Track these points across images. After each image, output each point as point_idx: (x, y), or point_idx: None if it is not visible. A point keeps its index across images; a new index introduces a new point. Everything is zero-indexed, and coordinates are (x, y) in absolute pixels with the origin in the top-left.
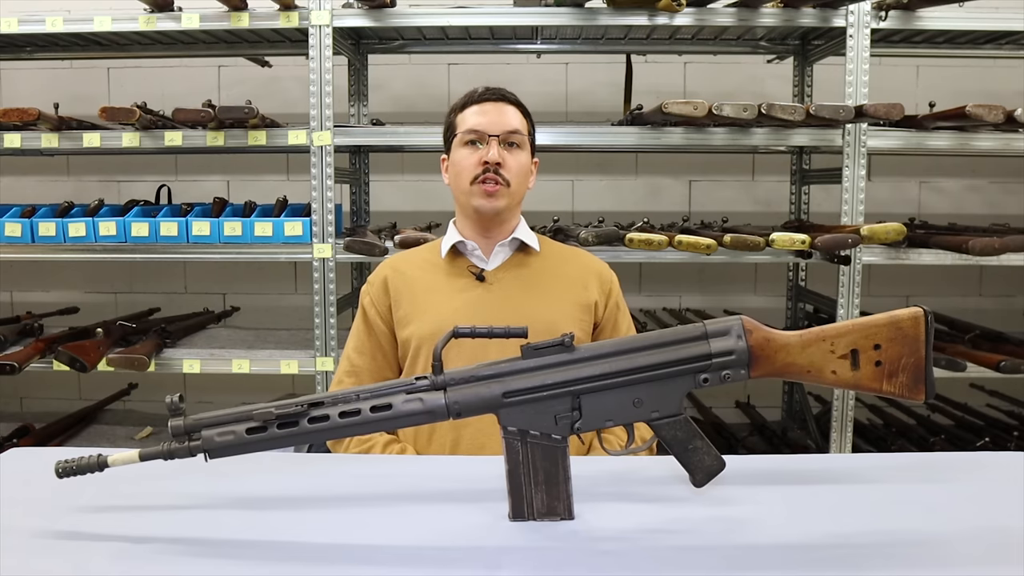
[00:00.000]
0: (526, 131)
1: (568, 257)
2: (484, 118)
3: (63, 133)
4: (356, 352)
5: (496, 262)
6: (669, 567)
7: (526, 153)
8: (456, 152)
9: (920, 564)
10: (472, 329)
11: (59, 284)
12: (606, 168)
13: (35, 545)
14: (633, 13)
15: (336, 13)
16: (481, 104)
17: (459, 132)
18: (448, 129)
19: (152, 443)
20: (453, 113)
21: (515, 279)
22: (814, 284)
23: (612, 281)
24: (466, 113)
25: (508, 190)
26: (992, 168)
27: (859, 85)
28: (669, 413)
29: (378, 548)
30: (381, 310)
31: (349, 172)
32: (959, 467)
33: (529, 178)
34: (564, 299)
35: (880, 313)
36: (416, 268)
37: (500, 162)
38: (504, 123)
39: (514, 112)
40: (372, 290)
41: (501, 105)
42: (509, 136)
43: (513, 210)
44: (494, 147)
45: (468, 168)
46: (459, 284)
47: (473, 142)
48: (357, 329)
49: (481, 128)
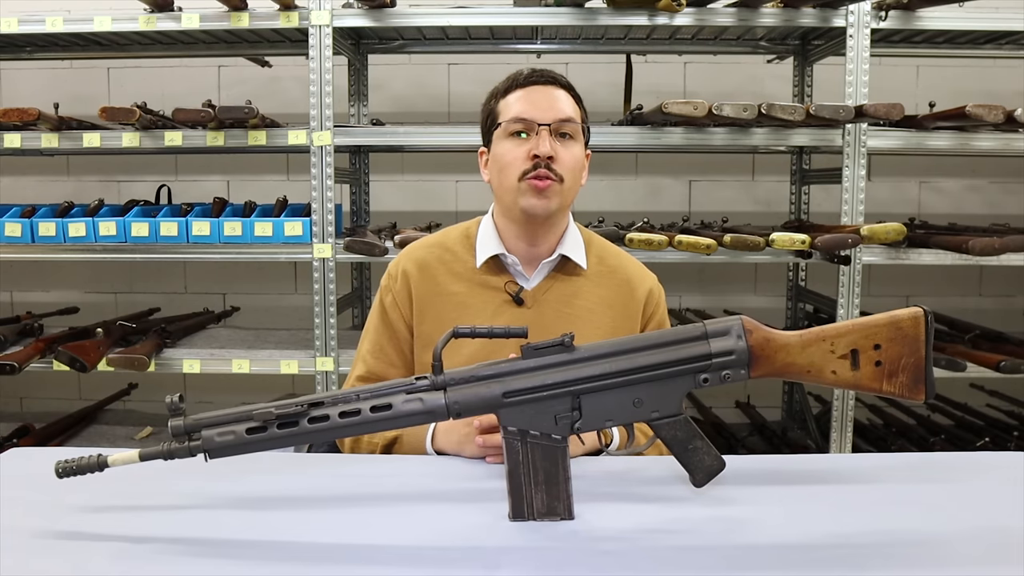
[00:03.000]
0: (580, 119)
1: (616, 274)
2: (533, 105)
3: (63, 133)
4: (373, 357)
5: (537, 279)
6: (669, 567)
7: (580, 145)
8: (499, 144)
9: (920, 564)
10: (472, 329)
11: (59, 284)
12: (606, 168)
13: (35, 545)
14: (633, 13)
15: (336, 13)
16: (528, 88)
17: (503, 121)
18: (488, 117)
19: (152, 443)
20: (494, 99)
21: (556, 302)
22: (814, 284)
23: (658, 303)
24: (510, 99)
25: (561, 187)
26: (992, 168)
27: (859, 85)
28: (669, 413)
29: (378, 548)
30: (404, 313)
31: (349, 172)
32: (959, 467)
33: (583, 173)
34: (605, 329)
35: (880, 313)
36: (446, 273)
37: (552, 155)
38: (556, 110)
39: (566, 97)
40: (395, 287)
41: (551, 89)
42: (562, 125)
43: (564, 211)
44: (545, 138)
45: (515, 162)
46: (494, 304)
47: (520, 132)
48: (375, 329)
49: (530, 116)
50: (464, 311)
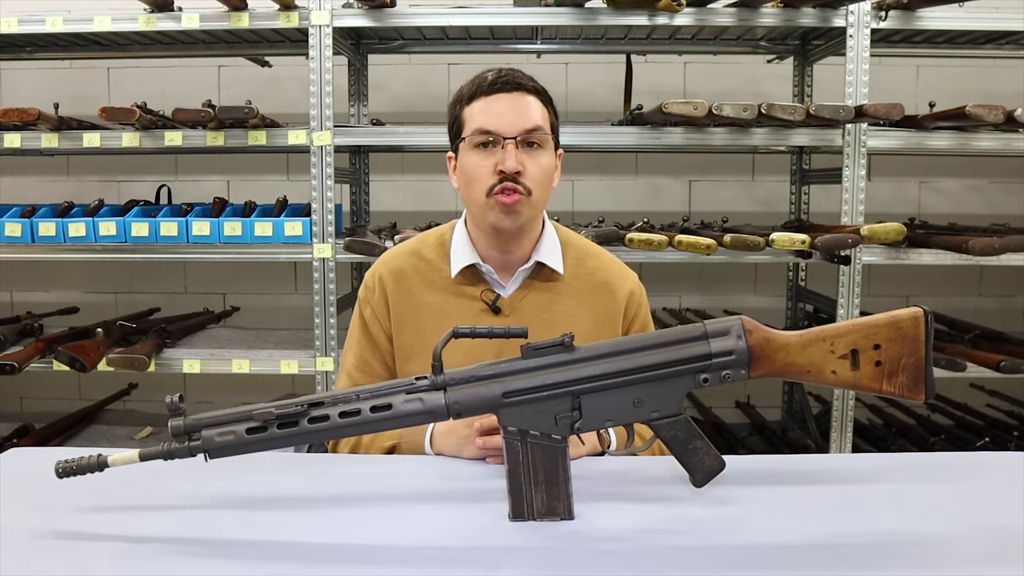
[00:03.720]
0: (548, 125)
1: (595, 276)
2: (497, 116)
3: (63, 133)
4: (358, 371)
5: (514, 287)
6: (669, 567)
7: (549, 153)
8: (466, 156)
9: (920, 564)
10: (472, 329)
11: (59, 284)
12: (606, 168)
13: (35, 545)
14: (633, 13)
15: (336, 13)
16: (493, 96)
17: (467, 132)
18: (454, 124)
19: (152, 443)
20: (459, 105)
21: (534, 308)
22: (814, 284)
23: (640, 304)
24: (475, 107)
25: (530, 200)
26: (992, 168)
27: (859, 85)
28: (669, 413)
29: (378, 548)
30: (384, 325)
31: (349, 172)
32: (959, 467)
33: (554, 179)
34: (586, 333)
35: (880, 313)
36: (421, 283)
37: (519, 170)
38: (522, 120)
39: (534, 103)
40: (373, 299)
41: (517, 96)
42: (529, 136)
43: (536, 219)
44: (511, 152)
45: (481, 176)
46: (471, 312)
47: (485, 144)
48: (357, 342)
49: (494, 129)
50: (443, 320)
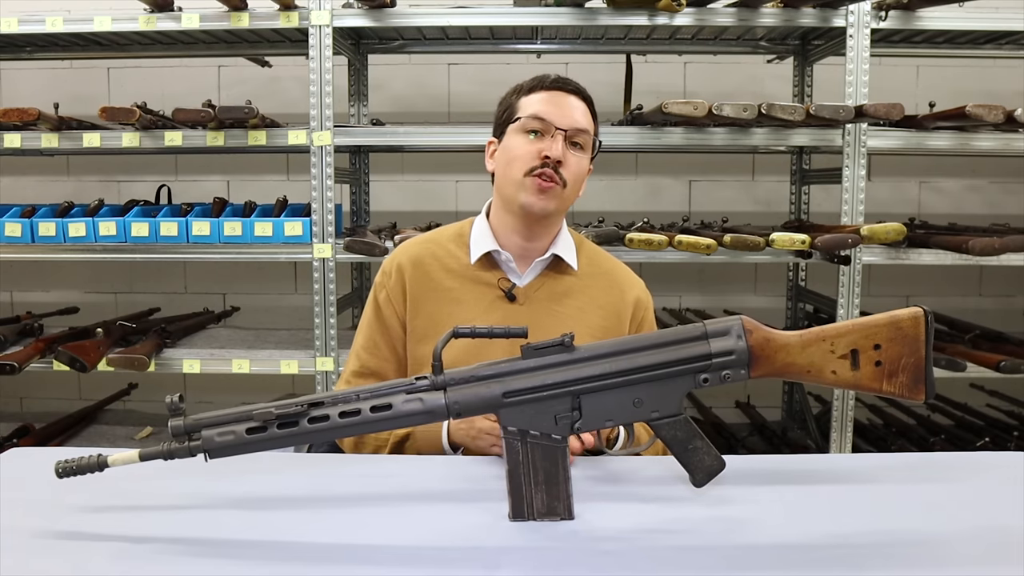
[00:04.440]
0: (592, 133)
1: (606, 276)
2: (553, 108)
3: (63, 133)
4: (367, 352)
5: (530, 277)
6: (669, 567)
7: (587, 158)
8: (512, 137)
9: (920, 564)
10: (472, 329)
11: (59, 284)
12: (606, 168)
13: (35, 545)
14: (633, 13)
15: (336, 13)
16: (552, 92)
17: (522, 116)
18: (506, 110)
19: (152, 443)
20: (516, 94)
21: (547, 300)
22: (814, 284)
23: (647, 309)
24: (533, 97)
25: (563, 192)
26: (992, 168)
27: (859, 85)
28: (669, 413)
29: (378, 548)
30: (398, 309)
31: (349, 172)
32: (959, 467)
33: (583, 184)
34: (595, 329)
35: (880, 313)
36: (440, 269)
37: (561, 160)
38: (574, 119)
39: (584, 110)
40: (389, 283)
41: (573, 99)
42: (576, 134)
43: (561, 215)
44: (559, 142)
45: (524, 157)
46: (486, 299)
47: (535, 131)
48: (368, 325)
49: (549, 118)
50: (457, 306)
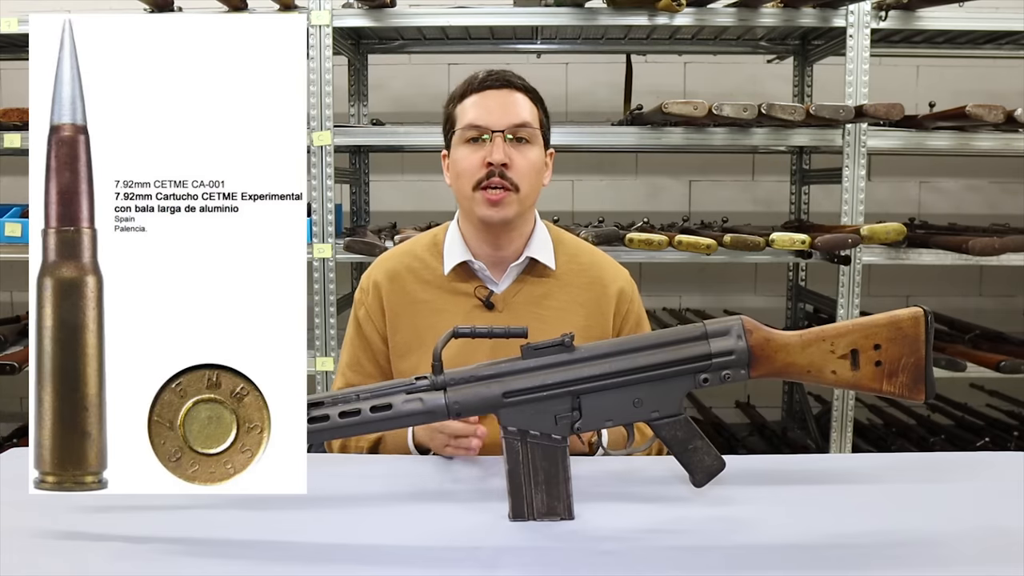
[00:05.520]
0: (537, 121)
1: (587, 272)
2: (487, 111)
3: None
4: (351, 370)
5: (506, 283)
6: (669, 567)
7: (537, 148)
8: (457, 150)
9: (920, 564)
10: (472, 329)
11: None
12: (606, 168)
13: (35, 545)
14: (633, 13)
15: (336, 13)
16: (483, 92)
17: (458, 127)
18: (447, 122)
19: None
20: (452, 103)
21: (527, 304)
22: (814, 284)
23: (632, 300)
24: (466, 103)
25: (517, 196)
26: (992, 168)
27: (859, 85)
28: (669, 413)
29: (378, 548)
30: (378, 325)
31: (349, 172)
32: (959, 467)
33: (543, 175)
34: (579, 328)
35: (880, 313)
36: (415, 282)
37: (506, 162)
38: (510, 115)
39: (522, 100)
40: (367, 300)
41: (506, 93)
42: (516, 130)
43: (525, 215)
44: (499, 145)
45: (470, 170)
46: (464, 309)
47: (475, 139)
48: (351, 342)
49: (483, 122)
50: (437, 317)
